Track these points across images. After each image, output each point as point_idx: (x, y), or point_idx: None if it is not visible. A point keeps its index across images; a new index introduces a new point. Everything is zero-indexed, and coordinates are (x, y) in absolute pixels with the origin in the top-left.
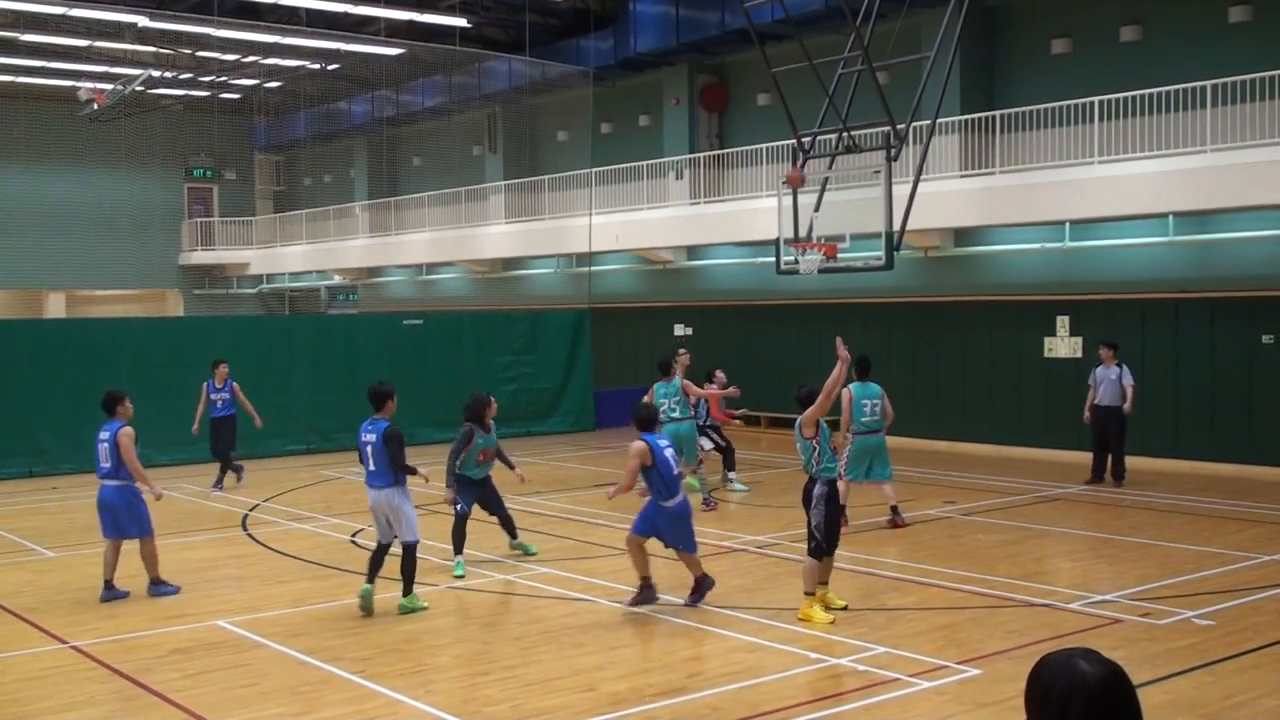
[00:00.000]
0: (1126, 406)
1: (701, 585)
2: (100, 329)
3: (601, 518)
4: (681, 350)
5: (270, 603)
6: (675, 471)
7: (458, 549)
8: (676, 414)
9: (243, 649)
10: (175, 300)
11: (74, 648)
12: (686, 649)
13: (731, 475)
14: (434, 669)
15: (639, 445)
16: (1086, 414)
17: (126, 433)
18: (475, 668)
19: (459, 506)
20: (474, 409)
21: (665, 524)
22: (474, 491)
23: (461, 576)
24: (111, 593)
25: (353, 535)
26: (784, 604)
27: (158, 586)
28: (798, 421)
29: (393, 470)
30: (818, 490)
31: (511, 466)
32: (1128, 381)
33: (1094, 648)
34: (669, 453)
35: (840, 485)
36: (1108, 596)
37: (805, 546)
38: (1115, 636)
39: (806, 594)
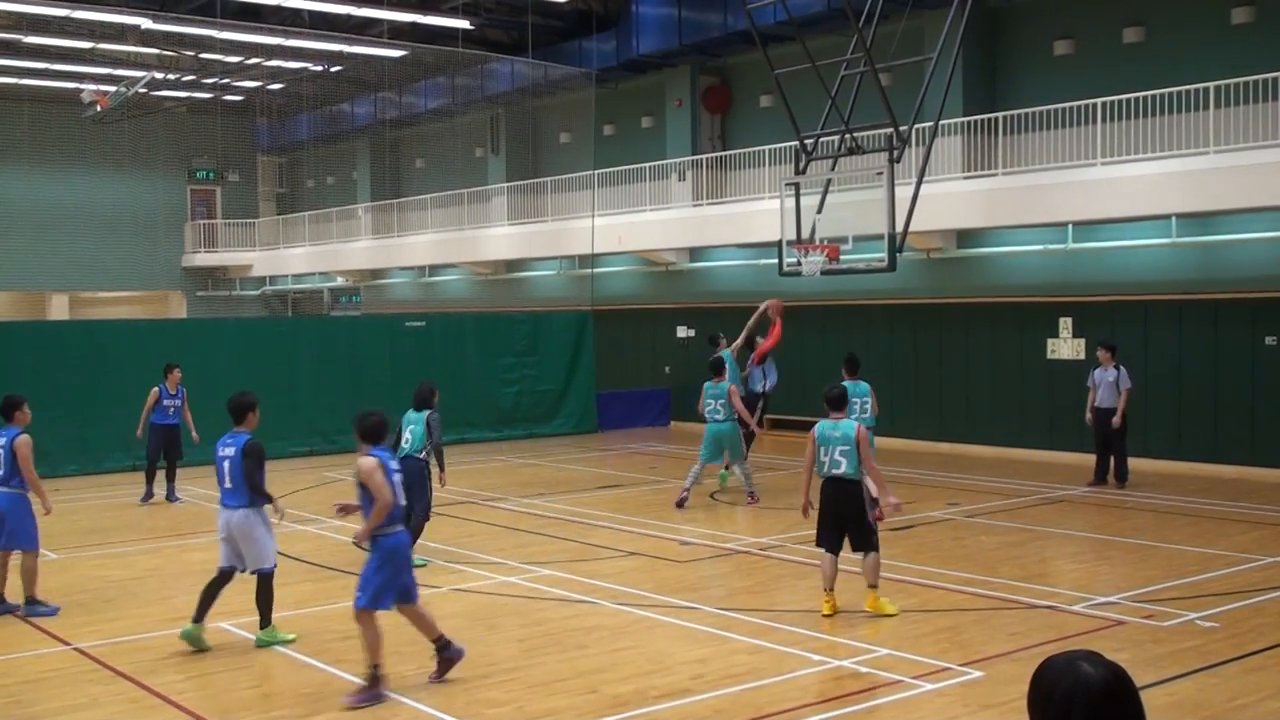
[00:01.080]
0: (1115, 420)
1: (446, 655)
2: (103, 331)
3: (603, 520)
4: (720, 336)
5: (273, 605)
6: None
7: None
8: (720, 416)
9: (246, 651)
10: (178, 302)
11: (77, 649)
12: (689, 651)
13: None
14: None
15: (372, 462)
16: (1088, 416)
17: (24, 440)
18: (477, 670)
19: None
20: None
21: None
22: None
23: (421, 566)
24: (2, 606)
25: (355, 537)
26: (786, 606)
27: (33, 606)
28: (856, 430)
29: (249, 489)
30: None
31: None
32: (1124, 384)
33: (1097, 650)
34: (398, 477)
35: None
36: (1111, 598)
37: (865, 544)
38: (1118, 638)
39: (871, 587)
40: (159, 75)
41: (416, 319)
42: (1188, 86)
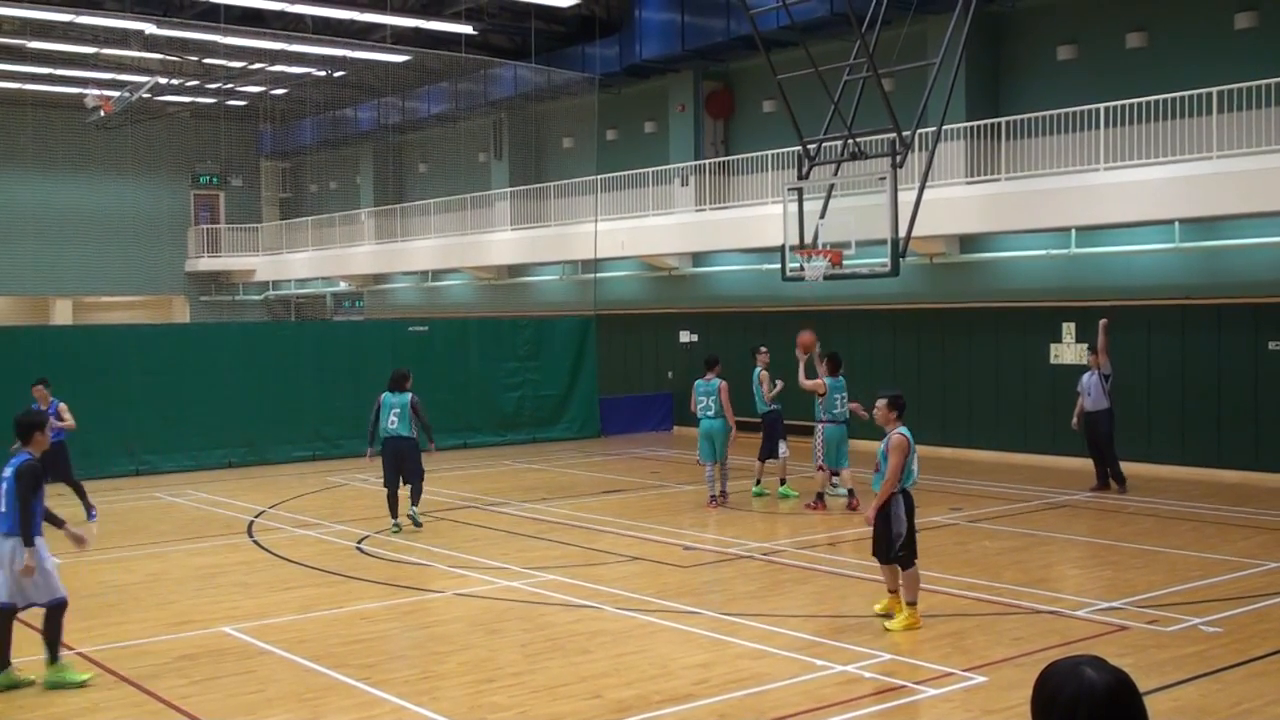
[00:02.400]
0: (1090, 402)
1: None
2: (107, 336)
3: (607, 525)
4: (762, 349)
5: (276, 609)
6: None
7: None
8: (711, 412)
9: (249, 655)
10: (181, 307)
11: (80, 654)
12: (692, 656)
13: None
14: (440, 676)
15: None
16: (1074, 421)
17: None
18: (481, 674)
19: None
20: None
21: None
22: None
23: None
24: None
25: (359, 542)
26: (790, 611)
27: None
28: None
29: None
30: (897, 503)
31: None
32: (1106, 372)
33: (1101, 655)
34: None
35: (820, 474)
36: (1114, 603)
37: (897, 556)
38: (1122, 643)
39: (910, 604)
40: (163, 80)
41: (419, 324)
42: (1191, 91)
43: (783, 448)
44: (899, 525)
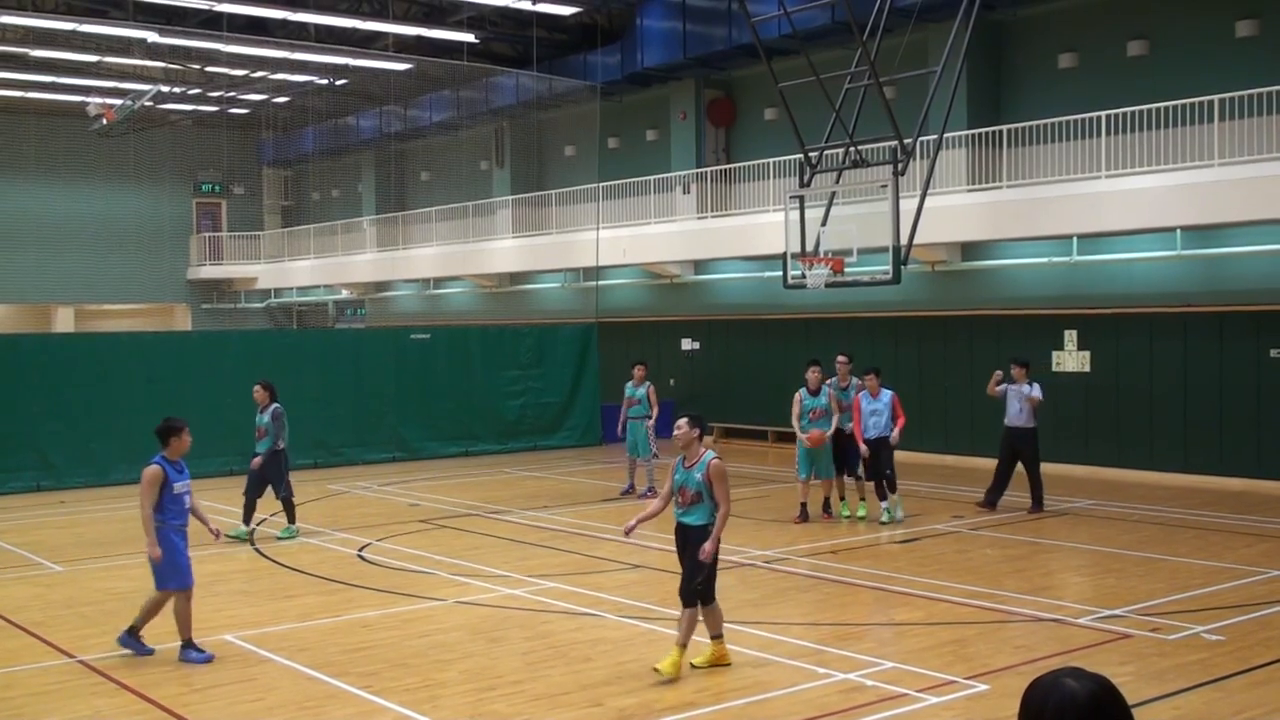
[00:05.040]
0: (1022, 420)
1: None
2: (108, 343)
3: (609, 533)
4: (841, 357)
5: (277, 617)
6: None
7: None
8: (634, 413)
9: (250, 663)
10: (183, 315)
11: (81, 662)
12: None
13: (884, 505)
14: (441, 684)
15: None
16: (991, 385)
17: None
18: (482, 682)
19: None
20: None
21: None
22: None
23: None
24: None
25: (360, 550)
26: (792, 619)
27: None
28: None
29: None
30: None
31: None
32: (1036, 394)
33: (1103, 663)
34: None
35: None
36: (1116, 611)
37: (696, 590)
38: (1124, 651)
39: (715, 638)
40: (165, 89)
41: (421, 331)
42: (1192, 99)
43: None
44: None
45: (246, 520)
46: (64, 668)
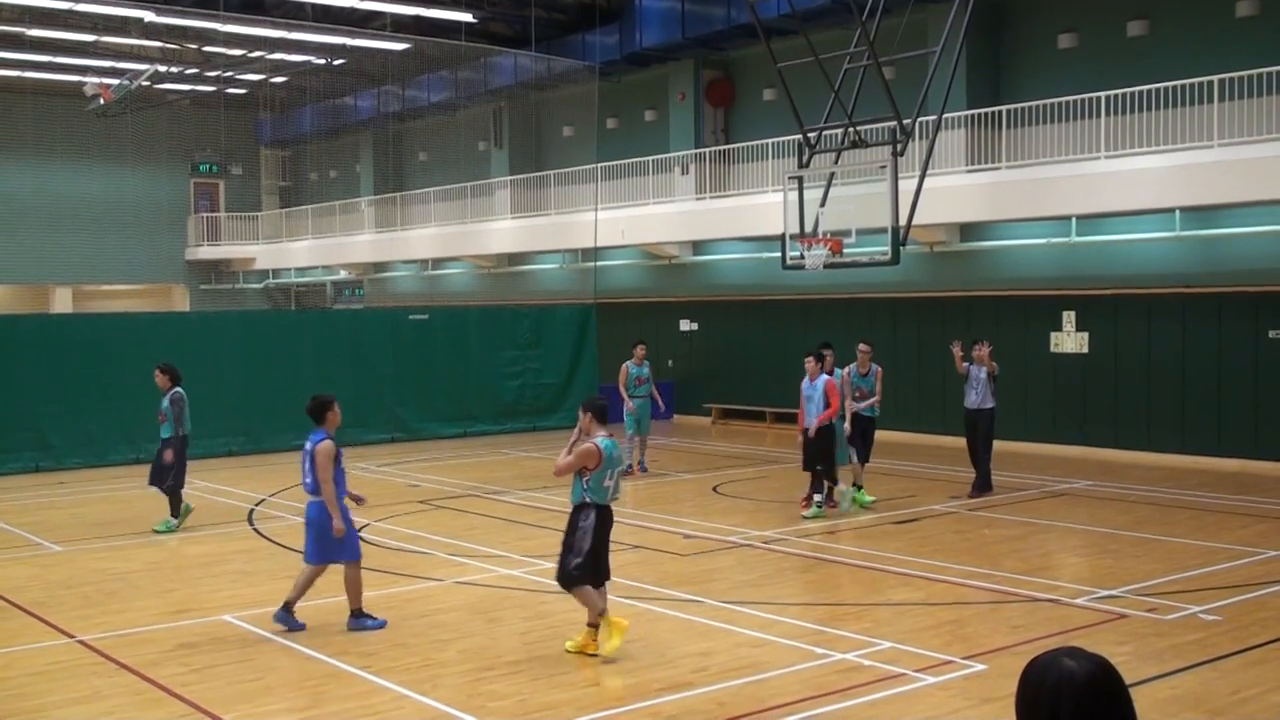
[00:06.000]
0: (977, 400)
1: None
2: (106, 324)
3: None
4: (862, 345)
5: (276, 597)
6: None
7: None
8: (641, 393)
9: (249, 643)
10: (181, 295)
11: (81, 642)
12: (692, 644)
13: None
14: (440, 664)
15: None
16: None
17: (324, 447)
18: (481, 663)
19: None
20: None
21: None
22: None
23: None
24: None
25: (359, 530)
26: (789, 599)
27: (359, 619)
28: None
29: None
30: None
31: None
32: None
33: (1099, 643)
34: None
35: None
36: (1113, 591)
37: (570, 574)
38: (1121, 631)
39: (590, 624)
40: (162, 68)
41: (419, 312)
42: (1192, 80)
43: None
44: (584, 540)
45: (175, 511)
46: (64, 648)
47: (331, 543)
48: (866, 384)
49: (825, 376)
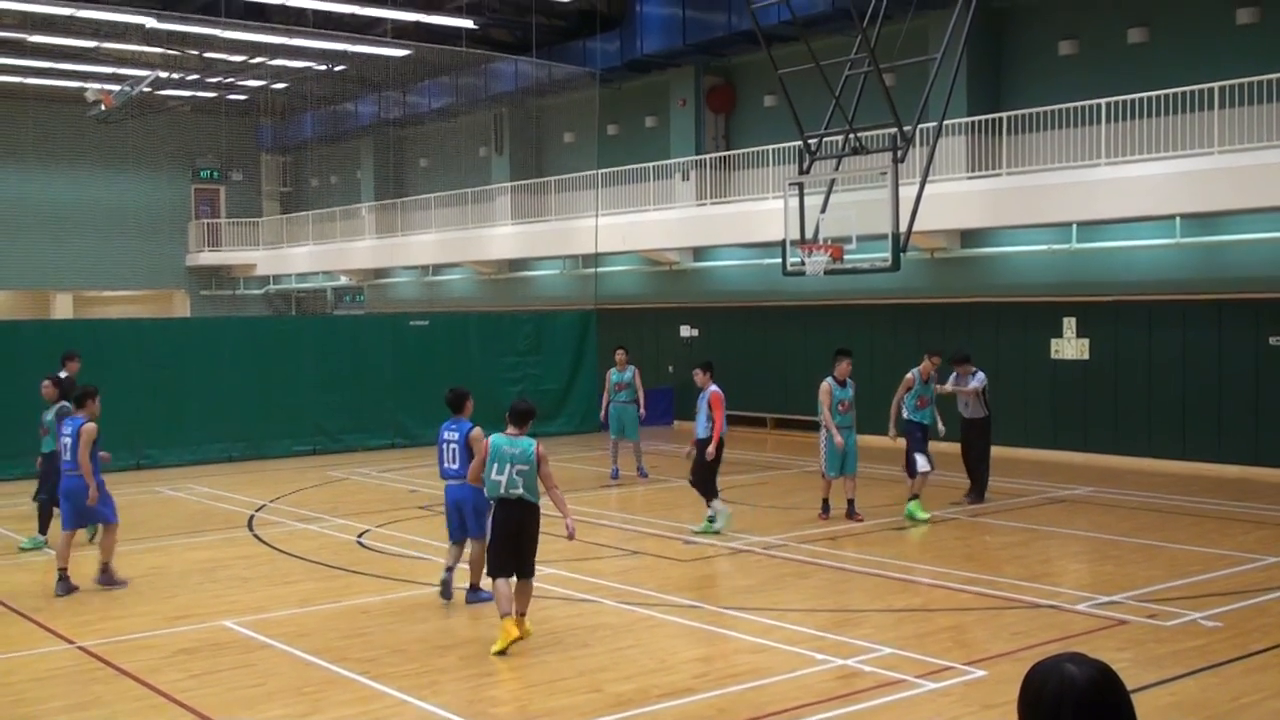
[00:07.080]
0: (970, 410)
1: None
2: (107, 330)
3: (606, 519)
4: (929, 355)
5: (276, 603)
6: None
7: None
8: (623, 398)
9: (249, 649)
10: (182, 301)
11: (80, 648)
12: (692, 650)
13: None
14: (440, 669)
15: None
16: (948, 388)
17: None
18: (481, 668)
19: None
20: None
21: None
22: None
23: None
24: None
25: (359, 536)
26: (790, 605)
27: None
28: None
29: None
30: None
31: None
32: (976, 383)
33: (1100, 649)
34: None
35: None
36: (1114, 598)
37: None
38: (1121, 638)
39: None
40: (163, 74)
41: (420, 318)
42: (1192, 87)
43: (922, 462)
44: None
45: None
46: (64, 653)
47: (483, 517)
48: (927, 392)
49: (713, 389)
